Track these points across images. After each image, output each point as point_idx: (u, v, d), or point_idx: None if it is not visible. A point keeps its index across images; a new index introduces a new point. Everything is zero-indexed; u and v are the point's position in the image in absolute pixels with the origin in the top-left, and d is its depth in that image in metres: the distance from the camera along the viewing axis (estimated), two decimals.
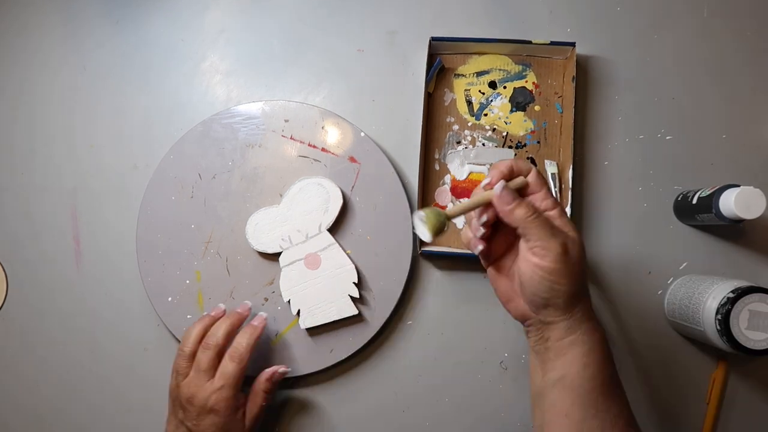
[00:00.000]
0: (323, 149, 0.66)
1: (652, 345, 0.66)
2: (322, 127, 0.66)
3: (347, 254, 0.64)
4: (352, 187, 0.65)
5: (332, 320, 0.64)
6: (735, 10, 0.68)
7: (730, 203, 0.57)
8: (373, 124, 0.68)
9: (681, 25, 0.68)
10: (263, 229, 0.65)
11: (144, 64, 0.70)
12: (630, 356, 0.66)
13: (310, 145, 0.66)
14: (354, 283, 0.64)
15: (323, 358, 0.65)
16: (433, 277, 0.67)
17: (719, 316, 0.56)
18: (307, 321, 0.64)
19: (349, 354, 0.65)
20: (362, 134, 0.66)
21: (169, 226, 0.66)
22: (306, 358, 0.65)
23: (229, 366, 0.57)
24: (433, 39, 0.66)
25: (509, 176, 0.49)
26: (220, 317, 0.61)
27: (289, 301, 0.64)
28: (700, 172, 0.67)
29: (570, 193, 0.64)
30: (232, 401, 0.57)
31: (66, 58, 0.70)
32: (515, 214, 0.47)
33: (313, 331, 0.65)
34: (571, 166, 0.64)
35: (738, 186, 0.57)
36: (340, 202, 0.64)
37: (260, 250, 0.65)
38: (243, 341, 0.59)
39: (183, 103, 0.69)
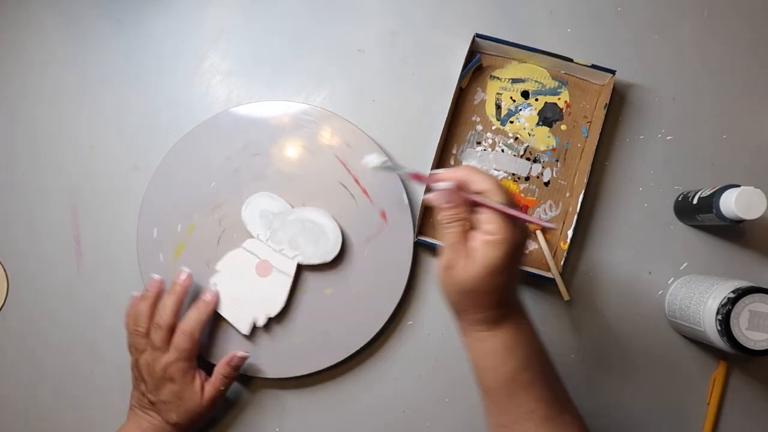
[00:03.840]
0: (364, 191, 0.65)
1: (653, 345, 0.66)
2: (372, 168, 0.65)
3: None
4: (368, 239, 0.65)
5: (225, 317, 0.64)
6: (735, 10, 0.68)
7: (731, 203, 0.57)
8: (374, 125, 0.68)
9: (681, 26, 0.68)
10: (262, 212, 0.65)
11: (145, 63, 0.70)
12: (630, 356, 0.66)
13: (355, 180, 0.65)
14: (269, 316, 0.64)
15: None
16: (434, 278, 0.67)
17: (720, 317, 0.56)
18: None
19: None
20: (405, 199, 0.65)
21: (195, 170, 0.66)
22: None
23: (180, 340, 0.60)
24: (477, 36, 0.65)
25: (463, 186, 0.50)
26: (161, 289, 0.63)
27: (216, 271, 0.64)
28: (701, 172, 0.67)
29: (575, 217, 0.64)
30: (188, 372, 0.61)
31: (67, 57, 0.70)
32: (439, 216, 0.50)
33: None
34: (583, 192, 0.64)
35: (738, 186, 0.57)
36: (330, 257, 0.64)
37: (244, 219, 0.64)
38: (193, 316, 0.62)
39: (183, 103, 0.69)
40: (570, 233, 0.64)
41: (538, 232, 0.65)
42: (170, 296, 0.62)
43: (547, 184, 0.67)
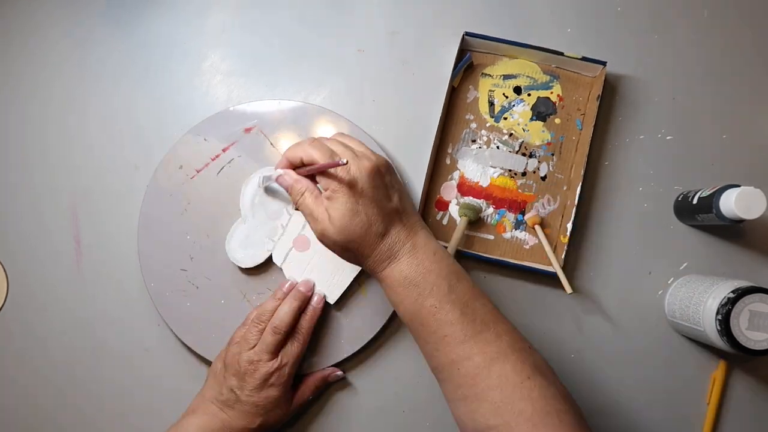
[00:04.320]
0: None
1: (653, 345, 0.66)
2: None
3: None
4: None
5: (350, 282, 0.64)
6: (735, 10, 0.68)
7: (731, 203, 0.57)
8: (374, 125, 0.68)
9: (681, 26, 0.68)
10: (247, 243, 0.65)
11: (145, 64, 0.70)
12: (630, 356, 0.66)
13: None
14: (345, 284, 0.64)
15: (323, 358, 0.65)
16: None
17: (719, 317, 0.56)
18: (331, 296, 0.64)
19: (349, 354, 0.65)
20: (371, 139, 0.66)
21: (173, 231, 0.66)
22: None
23: (293, 347, 0.61)
24: (466, 34, 0.65)
25: (298, 164, 0.56)
26: (289, 293, 0.63)
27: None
28: (701, 172, 0.67)
29: (574, 209, 0.64)
30: (290, 380, 0.61)
31: (66, 57, 0.70)
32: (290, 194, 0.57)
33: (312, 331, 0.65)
34: (580, 185, 0.64)
35: (738, 186, 0.57)
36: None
37: (251, 264, 0.65)
38: (305, 324, 0.62)
39: (184, 104, 0.69)
40: (569, 226, 0.64)
41: (537, 227, 0.65)
42: (292, 302, 0.62)
43: (544, 178, 0.67)
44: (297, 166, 0.57)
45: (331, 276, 0.64)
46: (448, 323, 0.51)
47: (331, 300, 0.64)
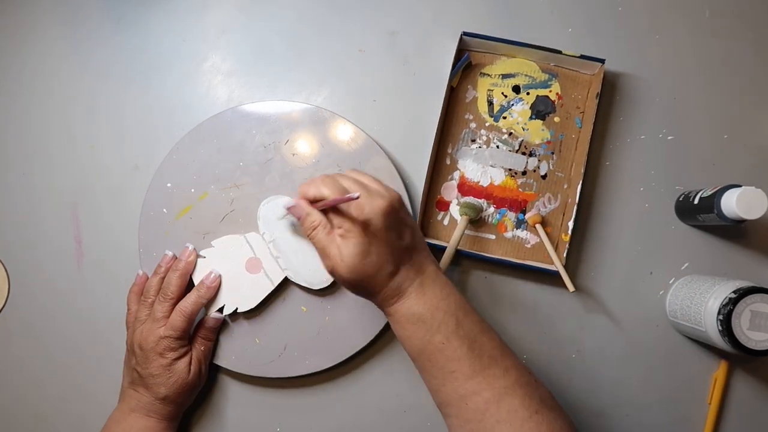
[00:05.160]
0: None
1: (654, 345, 0.66)
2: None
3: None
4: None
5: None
6: (736, 10, 0.68)
7: (732, 203, 0.57)
8: (374, 125, 0.68)
9: (682, 26, 0.68)
10: (279, 214, 0.64)
11: (145, 64, 0.70)
12: (632, 357, 0.66)
13: None
14: (237, 309, 0.64)
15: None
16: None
17: (721, 317, 0.56)
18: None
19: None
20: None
21: (229, 144, 0.66)
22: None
23: (176, 318, 0.61)
24: (464, 34, 0.66)
25: (311, 200, 0.56)
26: (171, 266, 0.64)
27: (210, 246, 0.65)
28: (702, 172, 0.67)
29: (575, 208, 0.64)
30: (177, 349, 0.61)
31: (67, 57, 0.70)
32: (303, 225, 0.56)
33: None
34: (581, 183, 0.64)
35: (740, 186, 0.57)
36: (317, 288, 0.64)
37: (260, 213, 0.64)
38: (193, 298, 0.62)
39: (184, 104, 0.69)
40: (571, 224, 0.64)
41: (538, 226, 0.65)
42: (175, 272, 0.63)
43: (544, 177, 0.67)
44: (310, 201, 0.56)
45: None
46: (456, 359, 0.52)
47: (211, 309, 0.64)
